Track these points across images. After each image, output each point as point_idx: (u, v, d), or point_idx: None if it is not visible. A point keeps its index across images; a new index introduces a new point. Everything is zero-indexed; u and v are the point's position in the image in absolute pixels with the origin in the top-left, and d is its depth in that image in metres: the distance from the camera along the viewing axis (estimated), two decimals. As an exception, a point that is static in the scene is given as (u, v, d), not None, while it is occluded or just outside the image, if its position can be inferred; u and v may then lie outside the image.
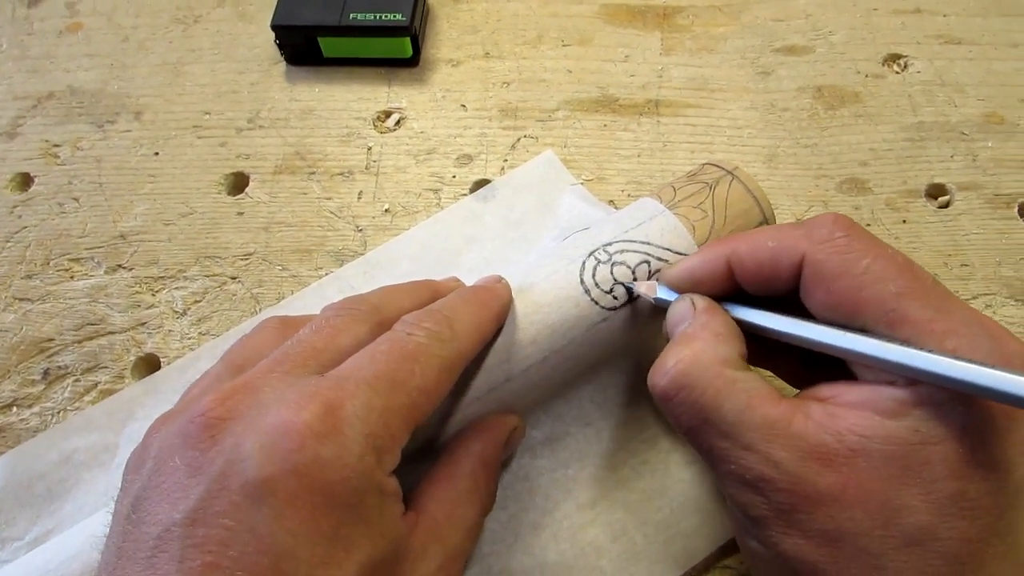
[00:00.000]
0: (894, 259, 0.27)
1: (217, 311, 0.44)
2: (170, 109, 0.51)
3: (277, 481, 0.23)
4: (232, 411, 0.25)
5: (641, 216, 0.35)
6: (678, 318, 0.30)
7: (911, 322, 0.25)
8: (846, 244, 0.27)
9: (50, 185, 0.48)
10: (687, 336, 0.29)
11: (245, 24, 0.55)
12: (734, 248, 0.30)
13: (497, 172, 0.47)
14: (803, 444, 0.25)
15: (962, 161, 0.46)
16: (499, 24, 0.54)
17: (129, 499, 0.25)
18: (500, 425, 0.33)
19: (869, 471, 0.24)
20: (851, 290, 0.26)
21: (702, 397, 0.27)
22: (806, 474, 0.25)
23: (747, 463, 0.26)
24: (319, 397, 0.25)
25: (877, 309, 0.26)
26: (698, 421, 0.27)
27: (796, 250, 0.28)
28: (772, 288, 0.29)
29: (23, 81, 0.53)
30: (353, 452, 0.24)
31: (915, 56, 0.50)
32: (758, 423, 0.26)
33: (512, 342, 0.33)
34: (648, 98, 0.50)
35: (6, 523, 0.37)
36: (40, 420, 0.41)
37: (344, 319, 0.29)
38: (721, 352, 0.28)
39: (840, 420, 0.25)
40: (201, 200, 0.47)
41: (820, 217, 0.29)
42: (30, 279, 0.45)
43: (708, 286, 0.31)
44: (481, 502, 0.31)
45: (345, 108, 0.50)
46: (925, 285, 0.26)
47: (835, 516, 0.24)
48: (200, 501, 0.23)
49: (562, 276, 0.34)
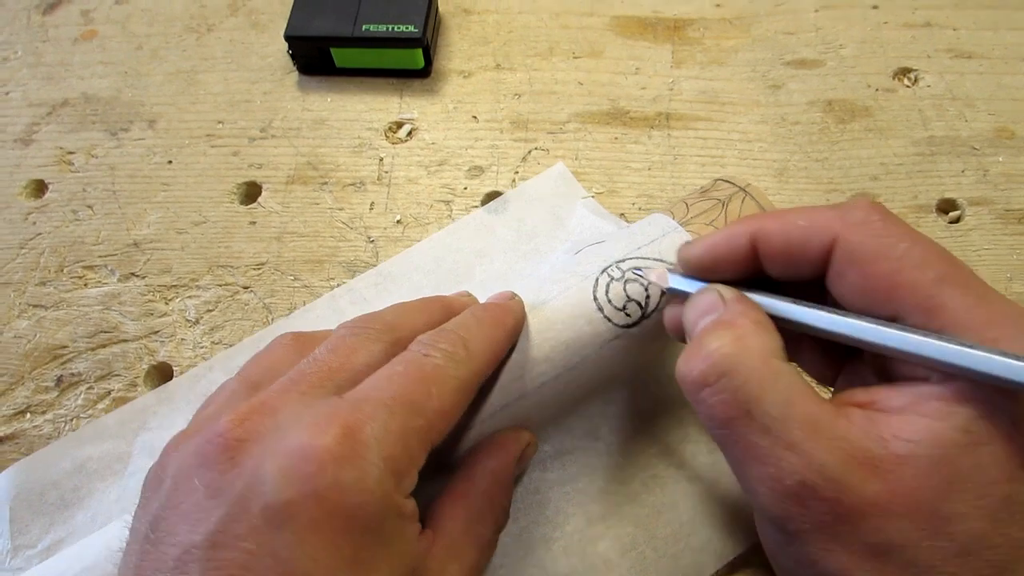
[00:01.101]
0: (933, 246, 0.26)
1: (229, 320, 0.44)
2: (183, 118, 0.51)
3: (298, 505, 0.23)
4: (251, 432, 0.25)
5: (654, 232, 0.35)
6: (705, 307, 0.28)
7: (951, 309, 0.24)
8: (883, 227, 0.26)
9: (64, 192, 0.49)
10: (725, 322, 0.27)
11: (258, 34, 0.55)
12: (761, 225, 0.28)
13: (508, 184, 0.47)
14: (848, 447, 0.24)
15: (973, 176, 0.46)
16: (510, 36, 0.54)
17: (147, 518, 0.25)
18: (513, 441, 0.33)
19: (917, 478, 0.23)
20: (888, 274, 0.25)
21: (745, 386, 0.25)
22: (851, 481, 0.23)
23: (788, 466, 0.24)
24: (338, 420, 0.25)
25: (915, 295, 0.24)
26: (738, 413, 0.25)
27: (829, 230, 0.27)
28: (797, 270, 0.28)
29: (38, 88, 0.53)
30: (373, 476, 0.24)
31: (925, 70, 0.50)
32: (802, 419, 0.24)
33: (525, 359, 0.33)
34: (659, 111, 0.50)
35: (19, 531, 0.37)
36: (53, 427, 0.41)
37: (359, 338, 0.30)
38: (766, 340, 0.26)
39: (883, 425, 0.24)
40: (214, 209, 0.48)
41: (855, 200, 0.27)
42: (44, 286, 0.45)
43: (728, 266, 0.29)
44: (496, 519, 0.31)
45: (357, 119, 0.51)
46: (964, 273, 0.25)
47: (882, 528, 0.23)
48: (220, 523, 0.23)
49: (575, 293, 0.34)
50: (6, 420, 0.41)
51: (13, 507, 0.38)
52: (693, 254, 0.30)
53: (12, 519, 0.37)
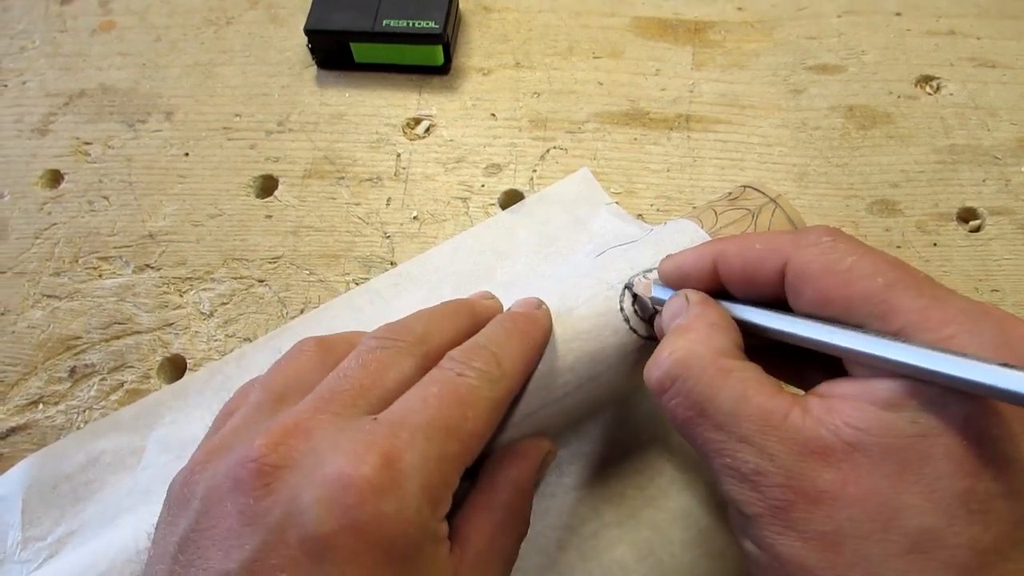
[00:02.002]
0: (883, 256, 0.26)
1: (244, 314, 0.44)
2: (201, 110, 0.51)
3: (338, 537, 0.23)
4: (285, 458, 0.25)
5: (683, 241, 0.35)
6: (673, 312, 0.30)
7: (904, 311, 0.24)
8: (832, 246, 0.27)
9: (80, 183, 0.49)
10: (682, 328, 0.28)
11: (277, 27, 0.55)
12: (723, 248, 0.30)
13: (526, 183, 0.47)
14: (799, 438, 0.24)
15: (994, 185, 0.46)
16: (530, 34, 0.54)
17: (175, 538, 0.25)
18: (534, 450, 0.32)
19: (868, 467, 0.23)
20: (838, 287, 0.26)
21: (696, 387, 0.26)
22: (802, 470, 0.24)
23: (742, 456, 0.25)
24: (376, 448, 0.25)
25: (868, 303, 0.25)
26: (693, 412, 0.26)
27: (782, 253, 0.27)
28: (756, 290, 0.29)
29: (55, 78, 0.53)
30: (412, 506, 0.24)
31: (948, 78, 0.50)
32: (753, 414, 0.25)
33: (551, 369, 0.32)
34: (678, 113, 0.50)
35: (30, 523, 0.37)
36: (66, 418, 0.41)
37: (389, 352, 0.29)
38: (716, 342, 0.27)
39: (836, 414, 0.24)
40: (230, 202, 0.47)
41: (811, 227, 0.28)
42: (58, 276, 0.45)
43: (695, 283, 0.31)
44: (518, 529, 0.31)
45: (375, 114, 0.50)
46: (917, 277, 0.25)
47: (833, 516, 0.23)
48: (256, 552, 0.23)
49: (601, 302, 0.33)
50: (19, 410, 0.41)
51: (26, 499, 0.37)
52: (665, 268, 0.32)
53: (24, 510, 0.37)
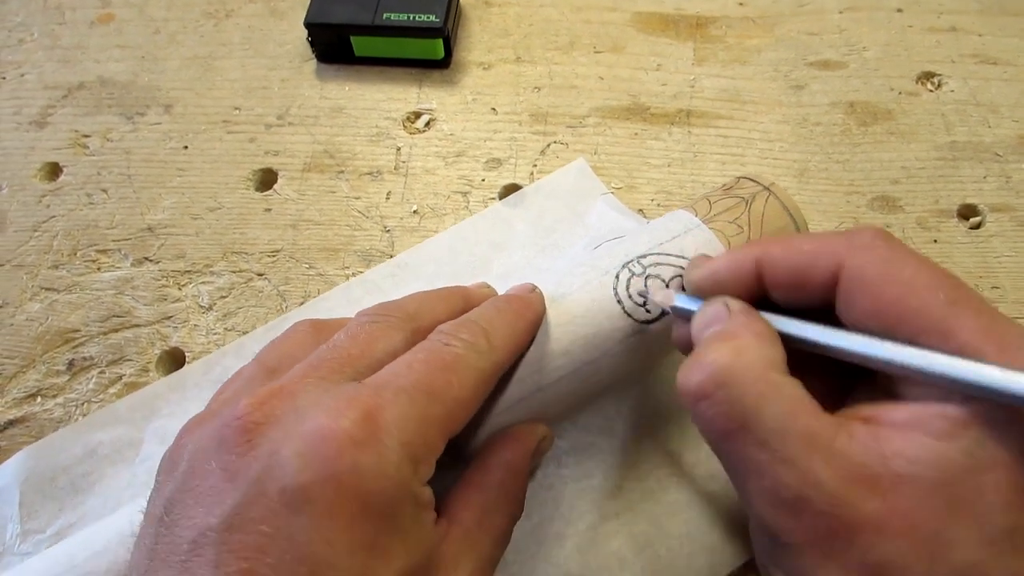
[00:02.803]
0: (940, 269, 0.25)
1: (243, 307, 0.44)
2: (200, 103, 0.51)
3: (315, 488, 0.23)
4: (269, 416, 0.25)
5: (676, 229, 0.35)
6: (710, 319, 0.28)
7: (965, 331, 0.23)
8: (889, 251, 0.26)
9: (79, 176, 0.48)
10: (727, 334, 0.27)
11: (276, 20, 0.55)
12: (766, 250, 0.28)
13: (526, 177, 0.47)
14: (846, 464, 0.23)
15: (995, 182, 0.46)
16: (531, 28, 0.53)
17: (162, 500, 0.25)
18: (529, 434, 0.33)
19: (917, 499, 0.22)
20: (898, 297, 0.25)
21: (743, 398, 0.25)
22: (848, 497, 0.23)
23: (785, 479, 0.24)
24: (358, 404, 0.25)
25: (927, 317, 0.24)
26: (735, 425, 0.25)
27: (835, 256, 0.26)
28: (803, 296, 0.28)
29: (54, 71, 0.53)
30: (391, 461, 0.24)
31: (949, 75, 0.50)
32: (800, 434, 0.24)
33: (544, 353, 0.32)
34: (679, 108, 0.49)
35: (29, 516, 0.37)
36: (64, 411, 0.41)
37: (380, 326, 0.29)
38: (766, 353, 0.26)
39: (885, 442, 0.23)
40: (229, 195, 0.47)
41: (860, 227, 0.27)
42: (57, 269, 0.45)
43: (732, 291, 0.29)
44: (510, 510, 0.30)
45: (375, 108, 0.50)
46: (975, 296, 0.24)
47: (877, 546, 0.23)
48: (237, 506, 0.23)
49: (596, 287, 0.33)
50: (17, 403, 0.41)
51: (23, 491, 0.37)
52: (696, 277, 0.30)
53: (22, 503, 0.37)
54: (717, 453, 0.27)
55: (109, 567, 0.30)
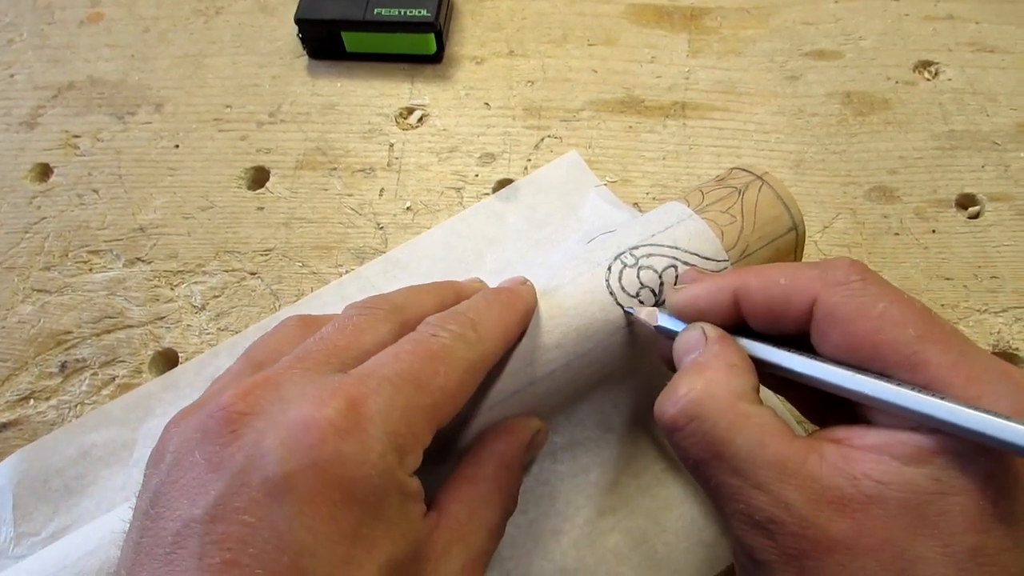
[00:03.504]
0: (912, 304, 0.26)
1: (236, 306, 0.43)
2: (191, 101, 0.51)
3: (298, 477, 0.23)
4: (253, 406, 0.25)
5: (668, 220, 0.35)
6: (688, 346, 0.29)
7: (933, 366, 0.24)
8: (862, 287, 0.26)
9: (70, 176, 0.48)
10: (699, 365, 0.28)
11: (267, 17, 0.54)
12: (744, 282, 0.29)
13: (520, 172, 0.47)
14: (816, 487, 0.24)
15: (993, 171, 0.45)
16: (524, 22, 0.53)
17: (148, 494, 0.25)
18: (523, 427, 0.32)
19: (884, 519, 0.23)
20: (868, 333, 0.26)
21: (713, 430, 0.26)
22: (818, 519, 0.24)
23: (757, 503, 0.25)
24: (341, 393, 0.25)
25: (896, 352, 0.25)
26: (708, 455, 0.26)
27: (809, 291, 0.27)
28: (779, 327, 0.29)
29: (43, 71, 0.53)
30: (375, 450, 0.24)
31: (946, 63, 0.50)
32: (770, 461, 0.25)
33: (536, 345, 0.32)
34: (674, 100, 0.49)
35: (23, 518, 0.37)
36: (57, 413, 0.41)
37: (367, 318, 0.29)
38: (735, 384, 0.27)
39: (856, 464, 0.24)
40: (221, 194, 0.47)
41: (835, 260, 0.28)
42: (48, 271, 0.45)
43: (711, 317, 0.30)
44: (503, 504, 0.30)
45: (367, 104, 0.50)
46: (945, 330, 0.25)
47: (846, 565, 0.23)
48: (220, 497, 0.23)
49: (588, 279, 0.33)
50: (10, 406, 0.41)
51: (16, 494, 0.37)
52: (676, 301, 0.31)
53: (16, 506, 0.37)
54: (695, 478, 0.28)
55: (101, 566, 0.30)
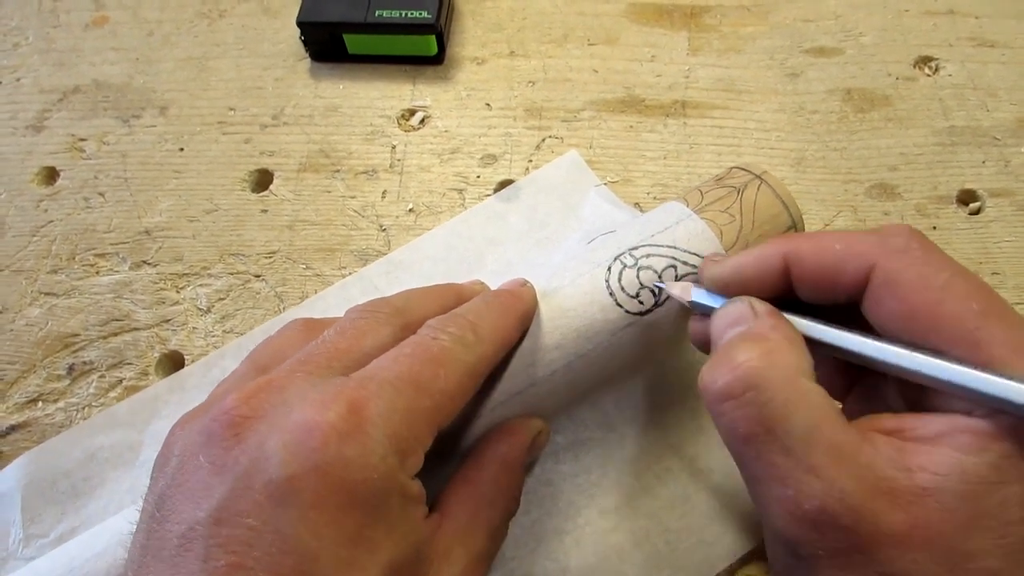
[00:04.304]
0: (974, 278, 0.25)
1: (241, 309, 0.44)
2: (195, 104, 0.51)
3: (301, 480, 0.23)
4: (256, 410, 0.25)
5: (667, 220, 0.35)
6: (734, 319, 0.28)
7: (997, 344, 0.23)
8: (924, 256, 0.25)
9: (76, 179, 0.49)
10: (756, 335, 0.26)
11: (270, 19, 0.54)
12: (796, 246, 0.28)
13: (522, 172, 0.47)
14: (871, 476, 0.23)
15: (994, 167, 0.45)
16: (524, 22, 0.53)
17: (154, 497, 0.25)
18: (524, 428, 0.33)
19: (940, 512, 0.22)
20: (930, 304, 0.24)
21: (771, 403, 0.24)
22: (872, 510, 0.23)
23: (809, 489, 0.23)
24: (343, 396, 0.25)
25: (958, 327, 0.24)
26: (760, 429, 0.24)
27: (867, 256, 0.26)
28: (831, 295, 0.27)
29: (49, 74, 0.53)
30: (376, 452, 0.24)
31: (947, 59, 0.50)
32: (827, 444, 0.23)
33: (537, 347, 0.33)
34: (675, 99, 0.49)
35: (31, 520, 0.37)
36: (65, 415, 0.41)
37: (368, 321, 0.29)
38: (795, 359, 0.25)
39: (910, 455, 0.23)
40: (225, 197, 0.47)
41: (894, 226, 0.27)
42: (55, 273, 0.45)
43: (756, 288, 0.29)
44: (505, 505, 0.31)
45: (369, 106, 0.50)
46: (1007, 308, 0.24)
47: (897, 560, 0.23)
48: (224, 500, 0.23)
49: (587, 280, 0.33)
50: (18, 408, 0.41)
51: (25, 496, 0.38)
52: (720, 272, 0.30)
53: (24, 508, 0.37)
54: (737, 456, 0.26)
55: (108, 568, 0.31)
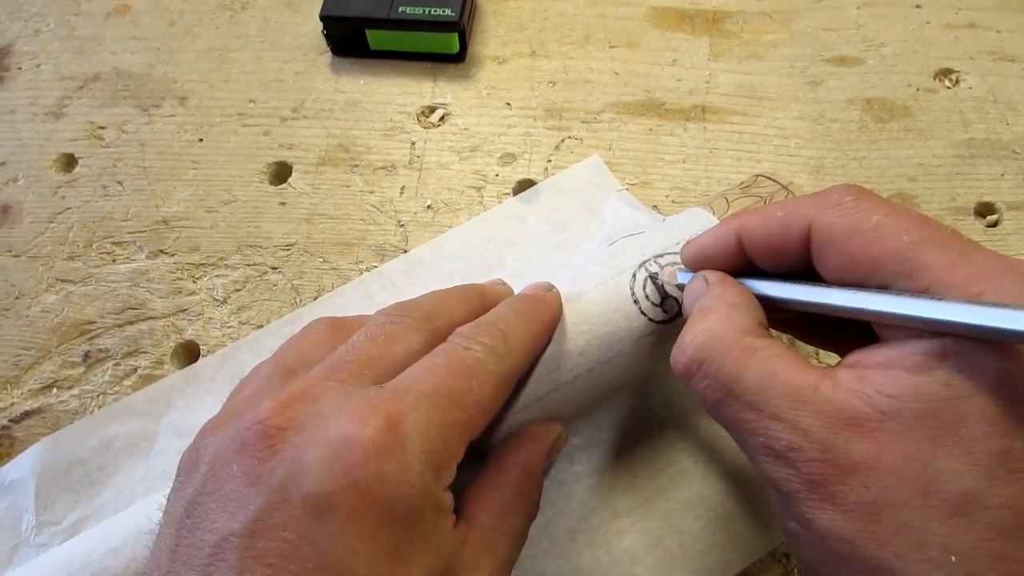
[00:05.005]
0: (907, 212, 0.25)
1: (257, 300, 0.44)
2: (215, 95, 0.51)
3: (339, 496, 0.23)
4: (291, 420, 0.25)
5: (693, 227, 0.35)
6: (693, 295, 0.30)
7: (931, 268, 0.24)
8: (855, 205, 0.26)
9: (94, 167, 0.49)
10: (702, 311, 0.28)
11: (292, 13, 0.55)
12: (744, 222, 0.29)
13: (540, 172, 0.47)
14: (830, 410, 0.24)
15: (1013, 180, 0.45)
16: (546, 23, 0.53)
17: (183, 502, 0.25)
18: (545, 434, 0.33)
19: (902, 434, 0.23)
20: (862, 247, 0.25)
21: (723, 368, 0.26)
22: (836, 441, 0.23)
23: (775, 433, 0.24)
24: (381, 410, 0.25)
25: (892, 261, 0.24)
26: (722, 395, 0.26)
27: (804, 217, 0.27)
28: (784, 260, 0.29)
29: (69, 62, 0.53)
30: (414, 468, 0.24)
31: (967, 72, 0.50)
32: (782, 390, 0.25)
33: (561, 352, 0.32)
34: (695, 103, 0.49)
35: (44, 507, 0.37)
36: (79, 403, 0.41)
37: (398, 327, 0.29)
38: (738, 321, 0.27)
39: (868, 383, 0.24)
40: (244, 188, 0.47)
41: (831, 187, 0.28)
42: (72, 261, 0.45)
43: (721, 263, 0.31)
44: (527, 510, 0.31)
45: (390, 102, 0.50)
46: (943, 234, 0.25)
47: (870, 486, 0.23)
48: (260, 512, 0.23)
49: (612, 287, 0.33)
50: (33, 394, 0.41)
51: (39, 483, 0.38)
52: (686, 255, 0.32)
53: (38, 495, 0.37)
54: (717, 421, 0.28)
55: (128, 563, 0.30)
